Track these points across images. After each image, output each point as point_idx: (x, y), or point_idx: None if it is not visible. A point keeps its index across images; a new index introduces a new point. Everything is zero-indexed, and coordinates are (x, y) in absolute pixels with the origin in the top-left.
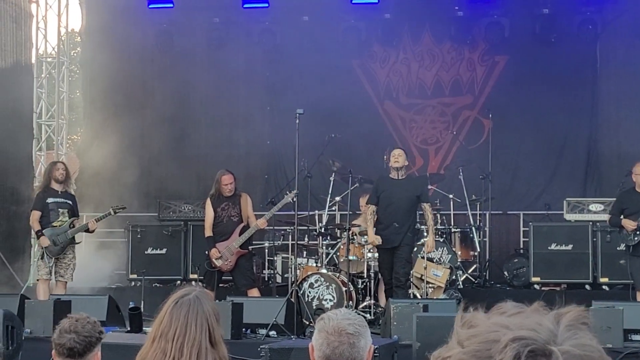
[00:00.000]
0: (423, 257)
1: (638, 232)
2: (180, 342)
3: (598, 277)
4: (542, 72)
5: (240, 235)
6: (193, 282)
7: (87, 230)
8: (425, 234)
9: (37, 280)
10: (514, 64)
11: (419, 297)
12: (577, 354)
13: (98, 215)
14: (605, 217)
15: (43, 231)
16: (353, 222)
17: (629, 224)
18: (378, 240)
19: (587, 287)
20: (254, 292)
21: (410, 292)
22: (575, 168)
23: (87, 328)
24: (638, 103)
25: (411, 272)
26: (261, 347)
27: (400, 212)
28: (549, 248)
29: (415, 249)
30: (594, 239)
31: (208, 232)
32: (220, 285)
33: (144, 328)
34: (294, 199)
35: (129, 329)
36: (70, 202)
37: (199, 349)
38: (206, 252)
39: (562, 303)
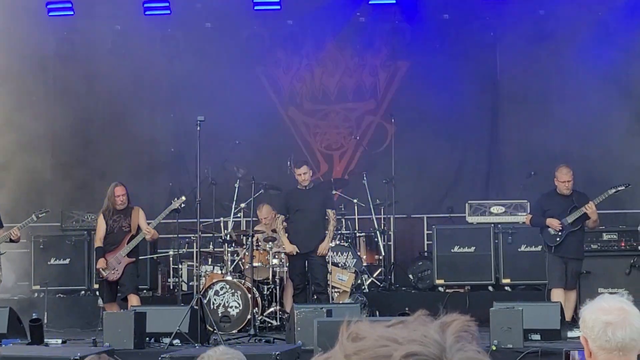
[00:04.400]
0: (328, 262)
1: (561, 233)
2: None
3: (500, 278)
4: (443, 76)
5: (127, 244)
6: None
7: (12, 240)
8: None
9: None
10: (416, 69)
11: None
12: None
13: (19, 224)
14: (508, 219)
15: None
16: (257, 229)
17: (555, 223)
18: (295, 249)
19: (490, 288)
20: (134, 299)
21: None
22: (477, 171)
23: None
24: (538, 106)
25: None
26: (162, 356)
27: (310, 219)
28: (452, 250)
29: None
30: (496, 241)
31: (97, 244)
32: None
33: (45, 340)
34: (182, 206)
35: (30, 340)
36: None
37: None
38: None
39: (466, 305)
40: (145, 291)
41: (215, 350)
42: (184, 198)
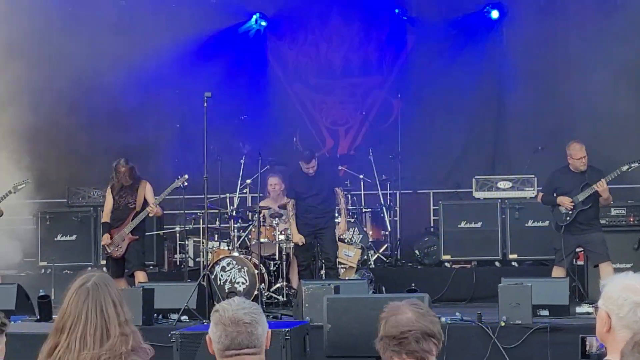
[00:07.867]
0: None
1: (571, 212)
2: (82, 332)
3: (507, 254)
4: (449, 51)
5: (132, 220)
6: (103, 269)
7: None
8: (337, 215)
9: None
10: (422, 44)
11: None
12: None
13: None
14: (515, 194)
15: None
16: (262, 204)
17: (566, 201)
18: (302, 239)
19: (497, 264)
20: (140, 275)
21: (322, 272)
22: (484, 146)
23: None
24: (543, 82)
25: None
26: (172, 332)
27: (319, 199)
28: (458, 226)
29: None
30: (503, 216)
31: (105, 219)
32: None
33: (53, 316)
34: (185, 184)
35: (38, 317)
36: None
37: (102, 334)
38: None
39: (473, 281)
40: (151, 267)
41: (231, 302)
42: (186, 176)
